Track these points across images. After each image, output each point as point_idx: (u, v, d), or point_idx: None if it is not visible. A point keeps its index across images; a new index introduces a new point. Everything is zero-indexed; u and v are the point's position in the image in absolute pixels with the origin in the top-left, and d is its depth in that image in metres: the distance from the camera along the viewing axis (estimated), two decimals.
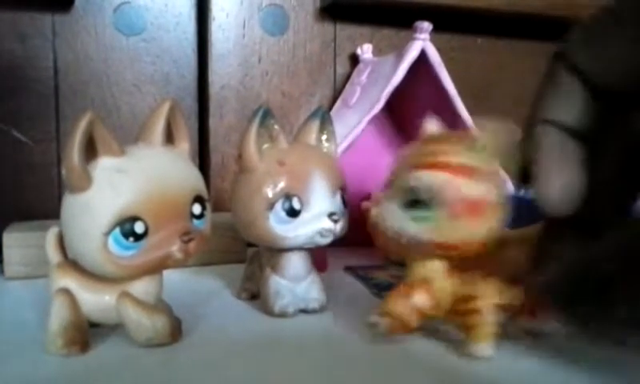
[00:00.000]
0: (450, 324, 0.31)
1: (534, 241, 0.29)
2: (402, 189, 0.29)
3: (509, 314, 0.30)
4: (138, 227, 0.27)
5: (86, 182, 0.27)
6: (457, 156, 0.28)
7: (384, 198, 0.30)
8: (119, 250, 0.27)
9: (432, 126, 0.32)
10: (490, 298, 0.29)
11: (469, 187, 0.27)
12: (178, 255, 0.28)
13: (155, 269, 0.29)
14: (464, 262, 0.29)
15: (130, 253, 0.27)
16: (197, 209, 0.30)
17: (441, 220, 0.28)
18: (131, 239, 0.27)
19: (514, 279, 0.29)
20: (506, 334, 0.30)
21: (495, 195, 0.28)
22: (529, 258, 0.29)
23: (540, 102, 0.26)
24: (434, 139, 0.31)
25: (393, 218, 0.29)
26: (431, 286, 0.29)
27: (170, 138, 0.31)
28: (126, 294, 0.29)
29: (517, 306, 0.29)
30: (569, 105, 0.25)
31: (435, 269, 0.30)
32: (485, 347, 0.28)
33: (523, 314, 0.30)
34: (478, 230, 0.28)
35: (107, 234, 0.27)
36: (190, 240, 0.28)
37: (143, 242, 0.27)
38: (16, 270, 0.44)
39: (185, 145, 0.31)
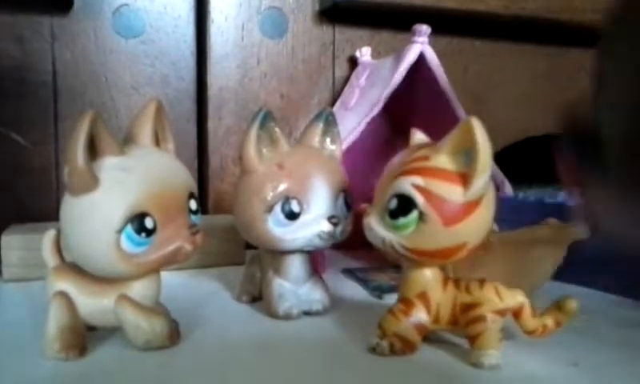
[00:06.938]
0: (453, 333, 0.31)
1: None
2: (385, 198, 0.28)
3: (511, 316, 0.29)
4: (148, 222, 0.27)
5: (92, 183, 0.26)
6: (435, 160, 0.27)
7: (373, 208, 0.29)
8: (132, 246, 0.27)
9: (419, 135, 0.31)
10: (491, 303, 0.28)
11: (447, 191, 0.26)
12: (188, 247, 0.29)
13: (166, 264, 0.29)
14: (459, 267, 0.29)
15: (142, 249, 0.27)
16: (193, 204, 0.30)
17: (420, 227, 0.27)
18: (143, 235, 0.27)
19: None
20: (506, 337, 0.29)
21: (476, 198, 0.27)
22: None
23: None
24: (417, 147, 0.29)
25: (378, 228, 0.29)
26: (429, 299, 0.29)
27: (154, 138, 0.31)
28: (124, 297, 0.29)
29: (517, 307, 0.29)
30: None
31: (431, 280, 0.29)
32: (493, 354, 0.28)
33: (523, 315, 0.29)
34: (459, 235, 0.27)
35: (119, 231, 0.27)
36: (196, 232, 0.29)
37: (153, 238, 0.28)
38: (14, 272, 0.44)
39: (170, 145, 0.31)
